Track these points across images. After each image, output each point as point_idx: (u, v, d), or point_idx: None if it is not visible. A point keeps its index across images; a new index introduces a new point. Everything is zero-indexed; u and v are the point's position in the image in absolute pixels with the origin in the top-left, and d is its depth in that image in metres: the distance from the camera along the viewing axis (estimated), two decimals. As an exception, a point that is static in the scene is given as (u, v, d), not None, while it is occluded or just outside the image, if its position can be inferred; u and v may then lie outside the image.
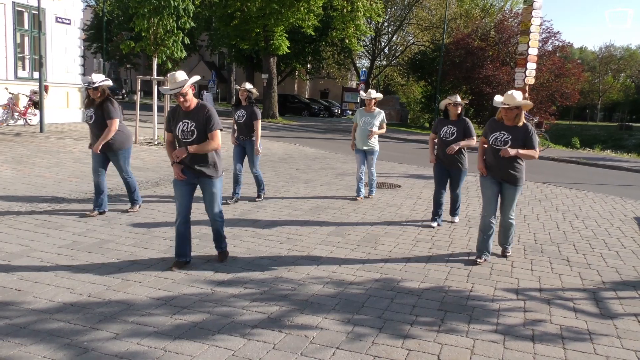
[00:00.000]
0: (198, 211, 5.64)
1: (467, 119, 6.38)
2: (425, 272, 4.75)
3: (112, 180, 7.50)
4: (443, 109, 6.39)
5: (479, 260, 5.07)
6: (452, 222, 6.75)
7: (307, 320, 3.59)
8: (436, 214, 6.56)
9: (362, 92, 8.03)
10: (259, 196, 7.51)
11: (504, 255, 5.35)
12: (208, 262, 4.67)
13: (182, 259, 4.51)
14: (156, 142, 12.95)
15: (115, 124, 5.86)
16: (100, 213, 6.11)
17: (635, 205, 8.77)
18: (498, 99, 4.95)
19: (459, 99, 6.28)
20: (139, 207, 6.46)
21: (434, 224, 6.52)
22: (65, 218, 5.86)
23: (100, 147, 5.85)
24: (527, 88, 18.83)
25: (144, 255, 4.75)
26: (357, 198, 7.84)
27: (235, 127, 7.18)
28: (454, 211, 6.80)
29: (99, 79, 5.76)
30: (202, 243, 5.20)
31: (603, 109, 76.38)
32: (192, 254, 4.69)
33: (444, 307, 3.95)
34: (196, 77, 4.52)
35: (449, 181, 6.57)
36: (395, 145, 18.17)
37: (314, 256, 5.02)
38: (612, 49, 75.75)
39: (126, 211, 6.31)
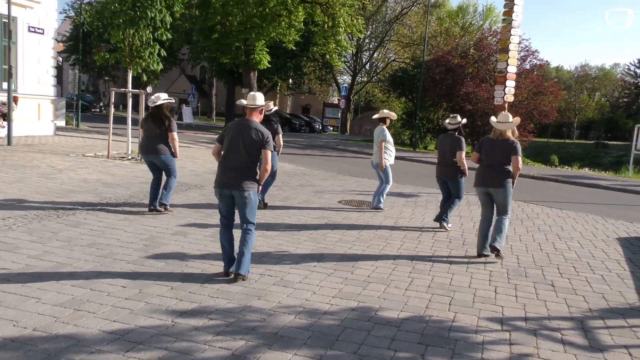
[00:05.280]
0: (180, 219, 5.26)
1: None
2: (405, 299, 4.47)
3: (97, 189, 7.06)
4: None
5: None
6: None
7: (275, 356, 3.27)
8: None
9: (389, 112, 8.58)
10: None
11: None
12: (172, 289, 4.32)
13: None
14: (129, 157, 12.52)
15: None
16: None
17: (616, 224, 8.66)
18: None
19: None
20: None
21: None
22: (21, 239, 5.44)
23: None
24: (506, 105, 18.85)
25: (102, 282, 4.37)
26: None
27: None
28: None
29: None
30: (167, 266, 4.85)
31: (579, 127, 77.78)
32: (155, 279, 4.36)
33: (424, 340, 3.67)
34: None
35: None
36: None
37: (287, 282, 4.71)
38: (587, 69, 77.61)
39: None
